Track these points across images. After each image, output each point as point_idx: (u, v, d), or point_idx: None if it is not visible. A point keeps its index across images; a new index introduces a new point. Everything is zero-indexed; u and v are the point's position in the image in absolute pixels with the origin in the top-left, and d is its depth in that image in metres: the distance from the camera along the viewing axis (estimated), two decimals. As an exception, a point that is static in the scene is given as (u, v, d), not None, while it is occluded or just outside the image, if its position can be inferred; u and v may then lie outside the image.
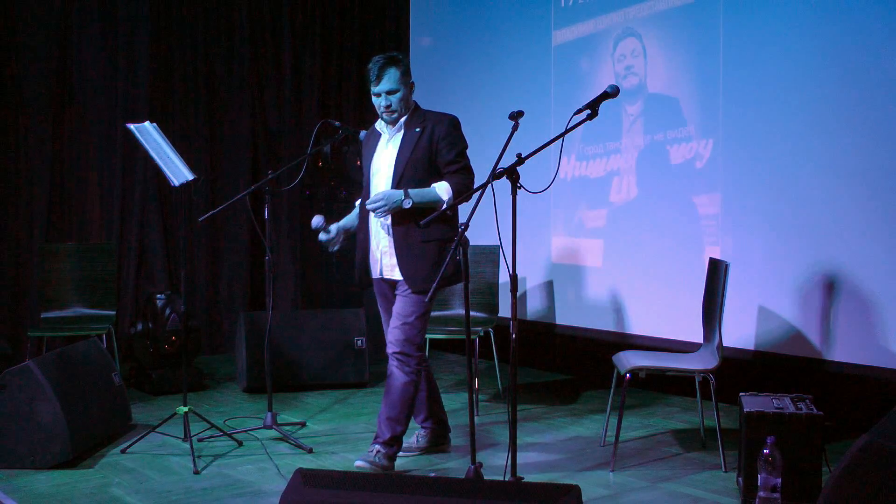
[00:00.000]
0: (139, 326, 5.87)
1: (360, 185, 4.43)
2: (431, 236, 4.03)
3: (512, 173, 3.42)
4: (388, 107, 4.11)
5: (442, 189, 4.02)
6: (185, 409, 4.48)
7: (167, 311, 5.77)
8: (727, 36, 5.19)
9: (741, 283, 5.00)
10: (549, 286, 6.20)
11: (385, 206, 4.00)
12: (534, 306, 6.30)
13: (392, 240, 4.09)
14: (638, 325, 5.66)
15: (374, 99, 4.14)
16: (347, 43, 7.67)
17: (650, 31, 5.61)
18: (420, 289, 4.04)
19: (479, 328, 5.53)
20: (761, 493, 3.44)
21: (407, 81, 4.14)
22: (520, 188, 3.44)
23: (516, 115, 3.54)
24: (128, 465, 4.29)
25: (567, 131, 3.52)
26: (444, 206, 3.91)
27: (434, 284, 3.42)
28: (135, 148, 5.96)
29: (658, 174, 5.56)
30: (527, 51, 6.34)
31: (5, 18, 6.25)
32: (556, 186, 5.95)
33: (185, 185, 4.49)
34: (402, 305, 4.11)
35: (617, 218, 5.80)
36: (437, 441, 4.51)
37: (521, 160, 3.44)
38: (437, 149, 4.07)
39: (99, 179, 6.66)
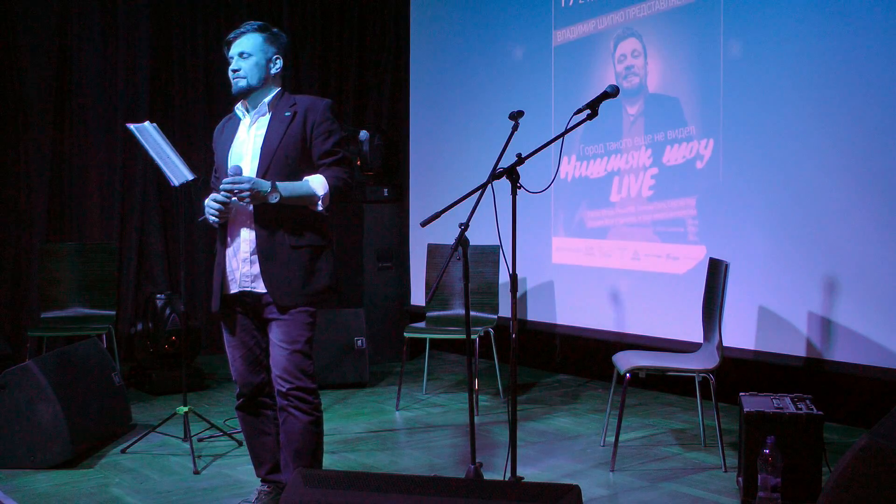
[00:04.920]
0: (139, 326, 5.87)
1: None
2: (301, 241, 3.39)
3: (512, 173, 3.42)
4: (237, 71, 3.43)
5: (317, 183, 3.36)
6: (185, 409, 4.48)
7: (167, 311, 5.77)
8: (728, 36, 5.18)
9: (741, 283, 5.00)
10: (549, 286, 6.20)
11: (248, 190, 3.26)
12: (534, 306, 6.29)
13: (255, 243, 3.38)
14: (638, 325, 5.66)
15: (229, 70, 3.49)
16: (346, 44, 7.67)
17: (650, 31, 5.61)
18: (293, 303, 3.37)
19: (479, 328, 5.53)
20: (761, 493, 3.44)
21: (269, 51, 3.46)
22: (520, 188, 3.44)
23: (516, 115, 3.54)
24: (128, 465, 4.29)
25: (567, 131, 3.52)
26: (320, 203, 3.36)
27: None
28: (135, 148, 5.95)
29: (658, 174, 5.56)
30: (527, 51, 6.34)
31: (5, 18, 6.25)
32: (556, 186, 5.96)
33: (185, 185, 4.49)
34: (284, 329, 3.37)
35: (617, 218, 5.80)
36: None
37: (521, 160, 3.43)
38: (310, 137, 3.42)
39: (99, 179, 6.66)
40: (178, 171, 4.52)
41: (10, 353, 5.91)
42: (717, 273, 4.48)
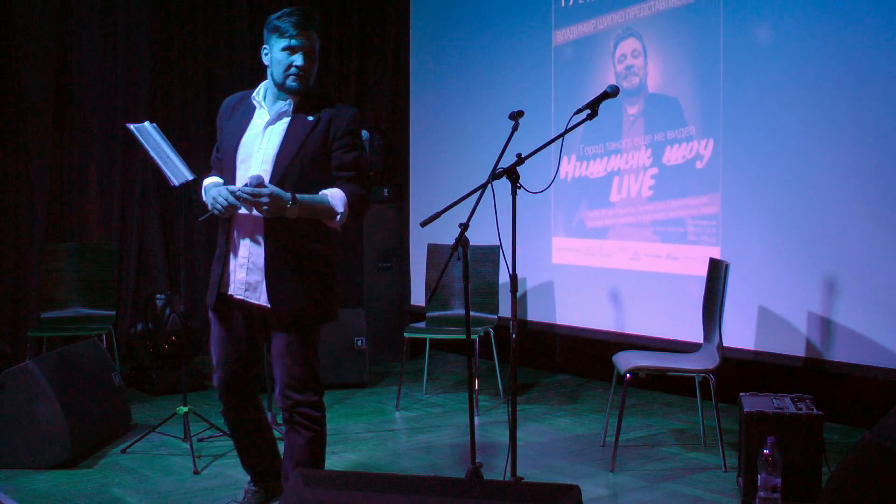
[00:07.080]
0: (139, 326, 5.87)
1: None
2: (311, 257, 3.22)
3: (512, 173, 3.42)
4: (305, 69, 3.18)
5: (336, 198, 3.16)
6: (185, 409, 4.48)
7: (167, 311, 5.77)
8: (728, 36, 5.18)
9: (741, 283, 5.00)
10: (549, 286, 6.20)
11: (267, 203, 3.02)
12: (534, 306, 6.29)
13: (261, 252, 3.19)
14: (638, 325, 5.66)
15: (279, 55, 3.18)
16: (347, 44, 7.67)
17: (650, 31, 5.61)
18: (299, 322, 3.22)
19: (479, 328, 5.53)
20: (761, 493, 3.44)
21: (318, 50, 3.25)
22: (520, 188, 3.44)
23: (516, 115, 3.54)
24: (128, 465, 4.29)
25: (567, 131, 3.52)
26: (339, 219, 3.18)
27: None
28: (135, 148, 5.95)
29: (658, 174, 5.56)
30: (527, 51, 6.34)
31: (5, 18, 6.25)
32: (556, 186, 5.96)
33: (185, 185, 4.49)
34: (288, 343, 3.23)
35: (617, 218, 5.80)
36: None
37: (520, 160, 3.43)
38: (331, 148, 3.20)
39: (99, 179, 6.65)
40: (178, 171, 4.52)
41: (9, 353, 5.92)
42: (717, 273, 4.48)
